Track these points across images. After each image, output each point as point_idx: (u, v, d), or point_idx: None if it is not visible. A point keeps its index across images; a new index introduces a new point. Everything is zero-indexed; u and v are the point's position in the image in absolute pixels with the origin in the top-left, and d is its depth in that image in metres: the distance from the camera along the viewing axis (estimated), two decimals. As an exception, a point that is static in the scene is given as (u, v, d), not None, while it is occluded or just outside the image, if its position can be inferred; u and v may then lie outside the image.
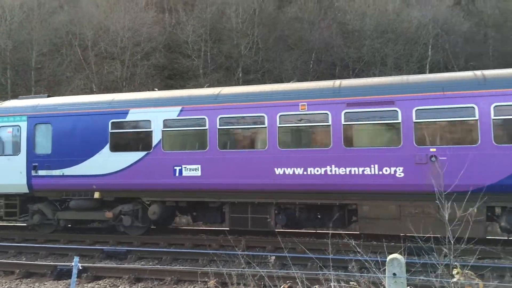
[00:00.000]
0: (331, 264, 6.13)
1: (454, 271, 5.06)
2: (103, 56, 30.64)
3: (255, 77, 29.60)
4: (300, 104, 10.17)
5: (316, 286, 6.77)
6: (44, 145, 12.03)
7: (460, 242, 5.33)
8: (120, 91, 28.23)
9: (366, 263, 5.65)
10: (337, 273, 6.16)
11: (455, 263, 5.13)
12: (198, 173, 10.68)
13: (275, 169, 10.13)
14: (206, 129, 10.73)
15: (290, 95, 10.43)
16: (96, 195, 11.64)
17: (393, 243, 10.01)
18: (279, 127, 10.30)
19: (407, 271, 4.35)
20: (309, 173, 9.91)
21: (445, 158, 9.05)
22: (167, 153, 11.03)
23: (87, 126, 11.61)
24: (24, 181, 12.09)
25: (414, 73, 27.69)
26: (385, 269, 4.09)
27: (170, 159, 10.94)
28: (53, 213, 12.38)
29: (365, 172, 9.59)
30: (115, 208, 11.82)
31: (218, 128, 10.66)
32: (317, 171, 9.88)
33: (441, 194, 5.38)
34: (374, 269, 5.39)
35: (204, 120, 10.79)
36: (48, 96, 13.40)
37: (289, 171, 10.05)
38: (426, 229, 6.78)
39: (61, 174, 11.71)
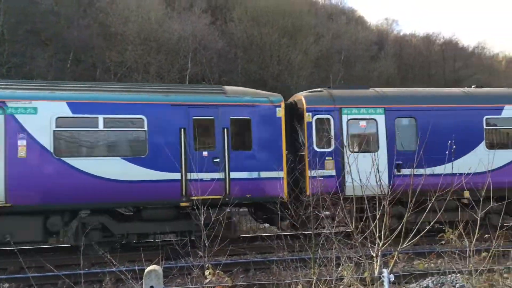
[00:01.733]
0: (82, 280, 5.63)
1: (207, 272, 5.37)
2: None
3: (-1, 73, 25.53)
4: None
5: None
6: (406, 141, 11.70)
7: (213, 244, 5.69)
8: None
9: (122, 275, 5.41)
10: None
11: (208, 264, 5.45)
12: None
13: None
14: None
15: None
16: (466, 194, 11.25)
17: (150, 251, 9.99)
18: None
19: (165, 276, 4.35)
20: None
21: None
22: None
23: (460, 121, 11.79)
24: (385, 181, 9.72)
25: (175, 82, 28.83)
26: (142, 283, 3.97)
27: None
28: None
29: None
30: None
31: None
32: None
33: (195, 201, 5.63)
34: (131, 281, 5.22)
35: None
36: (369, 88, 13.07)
37: None
38: None
39: (431, 172, 10.13)
